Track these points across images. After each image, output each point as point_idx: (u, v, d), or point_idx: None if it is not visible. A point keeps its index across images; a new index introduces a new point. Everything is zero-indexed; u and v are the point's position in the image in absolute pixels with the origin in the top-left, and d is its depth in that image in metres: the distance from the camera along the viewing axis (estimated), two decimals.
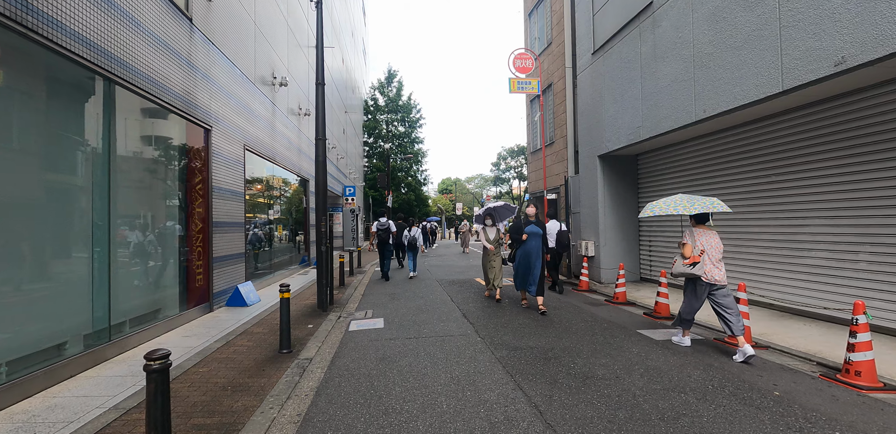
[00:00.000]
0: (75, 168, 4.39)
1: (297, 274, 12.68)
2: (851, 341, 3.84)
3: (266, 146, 9.95)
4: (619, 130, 8.90)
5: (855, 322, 3.83)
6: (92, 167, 4.55)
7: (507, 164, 36.48)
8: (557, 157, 12.11)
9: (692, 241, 4.76)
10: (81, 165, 4.45)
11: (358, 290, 9.61)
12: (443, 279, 11.09)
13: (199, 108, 6.63)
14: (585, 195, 10.44)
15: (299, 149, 13.28)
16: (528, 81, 11.44)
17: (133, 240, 5.32)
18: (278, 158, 10.91)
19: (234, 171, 8.03)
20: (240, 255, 8.18)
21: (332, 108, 20.41)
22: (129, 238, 5.22)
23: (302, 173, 13.56)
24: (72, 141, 4.36)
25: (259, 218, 10.19)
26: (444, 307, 7.38)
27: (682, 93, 6.96)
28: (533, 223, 7.16)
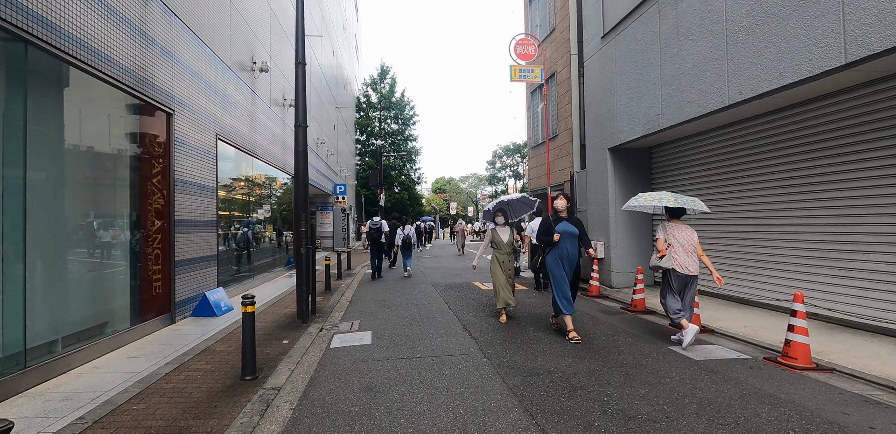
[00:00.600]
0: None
1: (283, 276, 11.75)
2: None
3: (245, 138, 9.02)
4: (633, 120, 8.07)
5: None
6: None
7: (503, 162, 35.67)
8: (561, 152, 11.28)
9: (664, 235, 5.16)
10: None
11: (345, 295, 8.71)
12: (439, 283, 10.22)
13: (156, 87, 5.71)
14: (593, 192, 9.61)
15: (284, 143, 12.35)
16: (531, 69, 10.60)
17: (65, 243, 4.39)
18: (259, 152, 9.98)
19: (204, 163, 7.10)
20: (210, 258, 7.25)
21: (323, 103, 19.48)
22: (59, 241, 4.30)
23: (288, 169, 12.62)
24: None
25: (248, 217, 9.26)
26: (442, 317, 6.50)
27: (712, 74, 6.13)
28: (566, 220, 5.48)
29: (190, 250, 6.55)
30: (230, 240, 8.75)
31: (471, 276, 11.71)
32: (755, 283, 6.74)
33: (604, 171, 9.17)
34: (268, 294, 8.69)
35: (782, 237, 6.28)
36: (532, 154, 13.38)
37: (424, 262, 15.80)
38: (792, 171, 6.11)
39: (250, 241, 9.95)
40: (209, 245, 7.23)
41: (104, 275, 4.96)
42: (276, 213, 11.81)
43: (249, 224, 9.93)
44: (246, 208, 9.79)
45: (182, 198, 6.32)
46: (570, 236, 5.42)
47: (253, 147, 9.54)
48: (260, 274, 10.29)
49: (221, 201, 8.32)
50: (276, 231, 12.32)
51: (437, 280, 10.80)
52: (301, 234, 6.36)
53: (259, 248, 10.63)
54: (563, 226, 5.44)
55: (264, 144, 10.42)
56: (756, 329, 5.50)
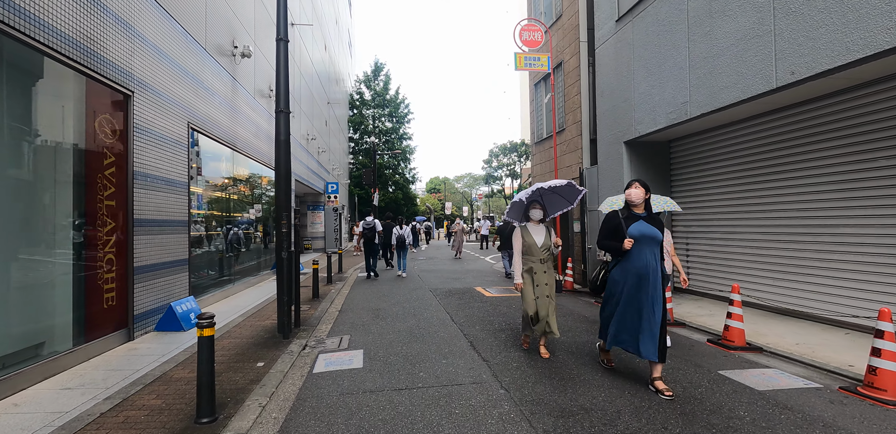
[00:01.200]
0: None
1: (270, 280, 10.87)
2: None
3: (224, 129, 8.14)
4: (654, 109, 7.30)
5: None
6: None
7: (500, 161, 34.89)
8: (569, 147, 10.50)
9: None
10: None
11: (335, 303, 7.86)
12: (437, 288, 9.39)
13: (109, 63, 4.84)
14: (607, 189, 8.83)
15: (270, 137, 11.47)
16: (537, 57, 9.80)
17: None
18: (242, 145, 9.11)
19: (173, 155, 6.24)
20: (180, 263, 6.38)
21: (314, 98, 18.60)
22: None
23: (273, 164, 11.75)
24: None
25: (231, 216, 8.37)
26: (444, 331, 5.68)
27: (755, 53, 5.36)
28: (643, 219, 3.72)
29: (154, 254, 5.68)
30: (208, 241, 7.88)
31: (471, 280, 10.90)
32: (800, 292, 5.98)
33: (619, 166, 8.39)
34: (248, 302, 7.82)
35: (835, 240, 5.52)
36: (536, 150, 12.59)
37: (420, 264, 14.98)
38: (847, 163, 5.35)
39: (232, 242, 9.07)
40: (179, 248, 6.36)
41: (40, 285, 4.09)
42: (264, 213, 10.93)
43: (232, 224, 9.06)
44: (228, 207, 8.92)
45: (144, 194, 5.45)
46: (649, 242, 3.65)
47: (233, 139, 8.67)
48: (243, 278, 9.41)
49: (198, 199, 7.45)
50: (262, 231, 11.45)
51: (435, 285, 9.97)
52: (283, 236, 5.51)
53: (243, 250, 9.75)
54: (639, 227, 3.67)
55: (247, 138, 9.54)
56: (812, 348, 4.73)
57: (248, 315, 6.77)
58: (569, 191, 4.83)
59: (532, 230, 4.66)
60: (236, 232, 9.42)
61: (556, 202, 5.07)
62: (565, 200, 5.01)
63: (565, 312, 6.81)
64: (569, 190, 4.81)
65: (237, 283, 9.00)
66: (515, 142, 34.80)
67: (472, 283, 10.35)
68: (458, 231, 17.79)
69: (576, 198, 4.89)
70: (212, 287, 7.85)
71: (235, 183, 9.39)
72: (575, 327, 5.87)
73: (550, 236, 4.63)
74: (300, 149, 15.36)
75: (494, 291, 8.94)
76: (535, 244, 4.58)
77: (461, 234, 17.66)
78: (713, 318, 6.19)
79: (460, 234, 17.65)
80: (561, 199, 5.02)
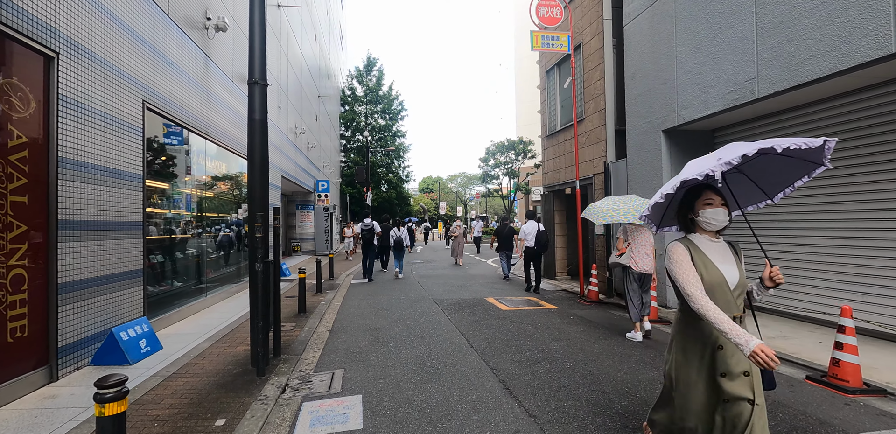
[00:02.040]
0: None
1: None
2: None
3: (193, 113, 6.88)
4: (706, 90, 6.16)
5: None
6: None
7: (497, 159, 33.73)
8: (589, 139, 9.36)
9: (625, 236, 5.61)
10: None
11: (325, 320, 6.63)
12: (443, 299, 8.19)
13: (18, 9, 3.58)
14: (639, 185, 7.69)
15: None
16: (556, 36, 8.65)
17: None
18: (216, 134, 7.84)
19: (122, 139, 4.98)
20: (131, 275, 5.12)
21: (303, 89, 17.33)
22: None
23: None
24: None
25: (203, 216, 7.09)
26: (464, 363, 4.49)
27: (861, 9, 4.23)
28: None
29: (92, 265, 4.42)
30: (175, 246, 6.62)
31: (478, 288, 9.71)
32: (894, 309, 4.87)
33: (655, 159, 7.26)
34: (222, 319, 6.56)
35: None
36: (548, 144, 11.44)
37: (418, 268, 13.76)
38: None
39: (207, 246, 7.81)
40: (130, 256, 5.10)
41: None
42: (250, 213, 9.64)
43: (207, 225, 7.79)
44: (201, 206, 7.65)
45: (76, 188, 4.19)
46: None
47: (206, 127, 7.40)
48: (219, 288, 8.14)
49: (164, 195, 6.20)
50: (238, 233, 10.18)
51: (439, 294, 8.76)
52: (257, 242, 4.27)
53: (220, 255, 8.48)
54: None
55: (224, 126, 8.27)
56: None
57: (217, 338, 5.51)
58: (804, 156, 2.18)
59: (708, 250, 2.19)
60: (213, 234, 8.15)
61: (761, 183, 2.43)
62: (799, 168, 2.27)
63: (604, 326, 5.64)
64: (804, 155, 2.16)
65: (211, 295, 7.73)
66: (513, 139, 33.68)
67: (480, 291, 9.16)
68: (458, 235, 14.99)
69: (810, 171, 2.25)
70: (178, 301, 6.58)
71: (213, 179, 8.12)
72: (645, 359, 4.70)
73: (741, 262, 2.25)
74: (287, 143, 14.08)
75: (510, 303, 7.76)
76: (722, 281, 2.11)
77: (461, 238, 15.03)
78: (789, 341, 5.07)
79: (460, 237, 14.96)
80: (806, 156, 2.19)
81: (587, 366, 4.36)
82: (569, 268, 11.31)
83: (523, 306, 7.53)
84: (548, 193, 11.59)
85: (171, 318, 6.20)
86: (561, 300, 8.22)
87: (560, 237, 11.24)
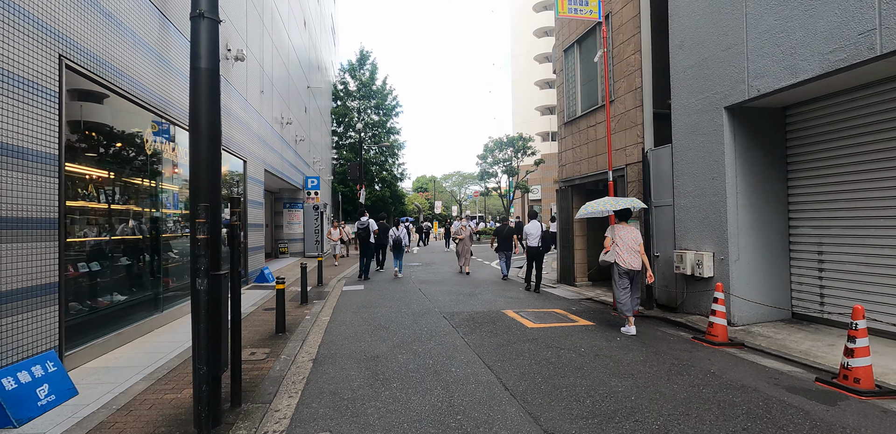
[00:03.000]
0: None
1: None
2: None
3: (143, 81, 5.45)
4: (794, 51, 4.85)
5: None
6: None
7: (495, 156, 32.39)
8: (620, 124, 8.04)
9: (612, 235, 5.81)
10: None
11: (309, 343, 5.25)
12: (453, 312, 6.83)
13: None
14: (688, 176, 6.39)
15: (230, 112, 8.81)
16: (584, 1, 7.33)
17: None
18: (177, 113, 6.42)
19: (22, 105, 3.57)
20: (39, 292, 3.70)
21: (291, 77, 15.93)
22: None
23: (235, 148, 9.06)
24: None
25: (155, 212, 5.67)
26: (503, 420, 3.11)
27: None
28: None
29: None
30: (115, 249, 5.21)
31: (491, 296, 8.37)
32: None
33: (714, 143, 5.95)
34: (177, 343, 5.15)
35: None
36: (566, 132, 10.11)
37: (417, 272, 12.38)
38: None
39: (163, 249, 6.41)
40: (37, 266, 3.69)
41: None
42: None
43: (162, 223, 6.39)
44: (156, 201, 6.25)
45: None
46: None
47: (164, 103, 5.99)
48: (181, 301, 6.73)
49: (104, 184, 4.79)
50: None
51: (447, 305, 7.40)
52: (199, 249, 2.88)
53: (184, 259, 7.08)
54: None
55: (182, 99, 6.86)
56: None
57: (161, 373, 4.11)
58: None
59: None
60: (179, 235, 6.74)
61: None
62: None
63: (665, 351, 4.31)
64: None
65: (171, 309, 6.32)
66: (512, 136, 32.34)
67: (494, 301, 7.81)
68: (463, 237, 11.83)
69: None
70: (120, 321, 5.16)
71: (175, 167, 6.71)
72: (739, 406, 3.37)
73: None
74: (272, 134, 12.65)
75: (534, 318, 6.42)
76: None
77: (468, 241, 11.92)
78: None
79: (466, 240, 11.87)
80: None
81: (684, 423, 3.02)
82: (590, 272, 10.00)
83: (552, 322, 6.19)
84: (565, 188, 10.26)
85: (108, 343, 4.78)
86: (592, 313, 6.90)
87: (580, 238, 9.92)
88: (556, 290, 9.43)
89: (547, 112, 52.77)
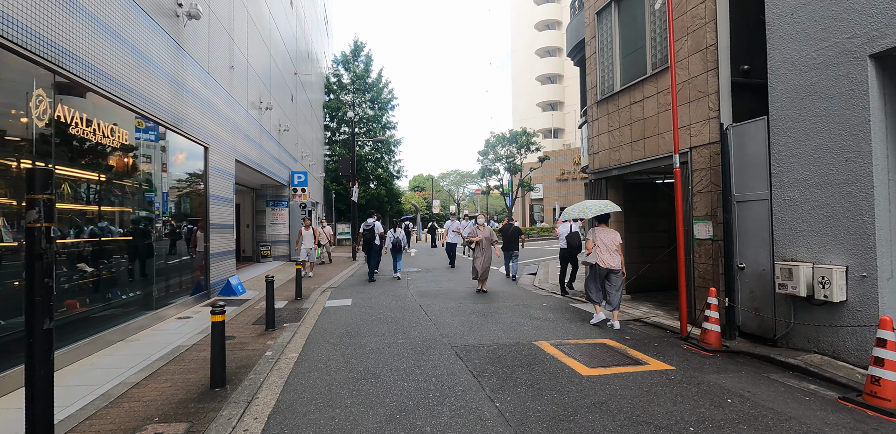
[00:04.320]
0: None
1: (180, 317, 6.34)
2: None
3: (34, 21, 3.59)
4: None
5: None
6: None
7: (497, 153, 30.54)
8: (683, 95, 6.21)
9: (593, 237, 6.11)
10: None
11: (255, 411, 3.38)
12: (468, 345, 4.97)
13: None
14: (800, 158, 4.58)
15: (177, 81, 6.94)
16: None
17: None
18: (106, 82, 4.55)
19: None
20: None
21: (274, 61, 14.09)
22: None
23: (183, 127, 7.16)
24: None
25: (94, 211, 3.80)
26: None
27: None
28: None
29: None
30: None
31: (512, 316, 6.55)
32: None
33: (850, 109, 4.14)
34: (73, 398, 3.28)
35: None
36: (599, 113, 8.27)
37: (416, 280, 10.53)
38: None
39: (72, 259, 4.55)
40: None
41: None
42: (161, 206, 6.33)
43: (78, 227, 4.54)
44: (67, 196, 4.39)
45: None
46: None
47: (95, 72, 4.11)
48: (94, 332, 4.87)
49: None
50: (166, 232, 6.97)
51: (458, 333, 5.54)
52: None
53: (98, 273, 5.23)
54: None
55: (119, 69, 4.98)
56: None
57: None
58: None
59: None
60: (103, 238, 4.89)
61: None
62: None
63: (816, 420, 2.50)
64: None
65: (77, 345, 4.45)
66: (516, 131, 30.52)
67: (519, 325, 5.97)
68: (483, 239, 8.73)
69: None
70: None
71: (93, 151, 4.84)
72: None
73: None
74: (247, 119, 10.75)
75: (585, 356, 4.59)
76: None
77: (490, 247, 8.76)
78: None
79: (486, 246, 8.71)
80: None
81: None
82: (635, 279, 8.19)
83: (613, 364, 4.36)
84: (597, 181, 8.43)
85: None
86: (657, 345, 5.08)
87: None
88: (588, 305, 7.61)
89: (548, 108, 51.02)
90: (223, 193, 9.06)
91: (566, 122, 48.89)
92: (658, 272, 8.84)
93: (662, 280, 9.02)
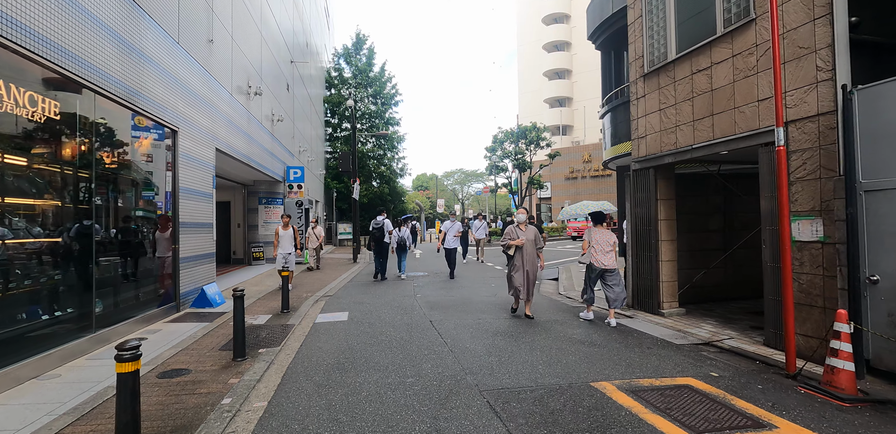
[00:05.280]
0: None
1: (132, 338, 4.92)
2: None
3: None
4: None
5: None
6: None
7: (505, 149, 29.09)
8: (788, 51, 4.76)
9: (588, 238, 6.20)
10: None
11: None
12: (504, 391, 3.54)
13: None
14: None
15: (130, 45, 5.59)
16: None
17: None
18: (49, 48, 3.19)
19: None
20: None
21: (266, 44, 12.71)
22: None
23: (141, 104, 5.78)
24: None
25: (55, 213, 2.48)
26: None
27: None
28: None
29: None
30: None
31: (548, 340, 5.13)
32: None
33: None
34: None
35: None
36: (647, 88, 6.83)
37: (424, 288, 9.11)
38: None
39: None
40: None
41: None
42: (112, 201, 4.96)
43: None
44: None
45: None
46: None
47: None
48: (18, 358, 3.52)
49: None
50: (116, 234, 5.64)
51: (486, 367, 4.14)
52: None
53: (26, 281, 3.90)
54: None
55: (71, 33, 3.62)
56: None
57: None
58: None
59: None
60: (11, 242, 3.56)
61: None
62: None
63: None
64: None
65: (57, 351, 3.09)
66: (526, 125, 29.03)
67: (564, 355, 4.57)
68: (525, 242, 6.42)
69: None
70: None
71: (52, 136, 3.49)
72: None
73: None
74: (231, 103, 9.37)
75: (677, 412, 3.19)
76: None
77: (534, 251, 6.52)
78: None
79: (532, 249, 6.49)
80: None
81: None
82: (680, 292, 6.79)
83: (722, 427, 2.96)
84: (643, 171, 7.01)
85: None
86: (765, 389, 3.67)
87: (667, 243, 6.68)
88: (635, 321, 6.21)
89: (556, 104, 49.51)
90: (198, 187, 7.69)
91: (575, 118, 47.38)
92: (712, 278, 7.46)
93: (718, 289, 7.64)
